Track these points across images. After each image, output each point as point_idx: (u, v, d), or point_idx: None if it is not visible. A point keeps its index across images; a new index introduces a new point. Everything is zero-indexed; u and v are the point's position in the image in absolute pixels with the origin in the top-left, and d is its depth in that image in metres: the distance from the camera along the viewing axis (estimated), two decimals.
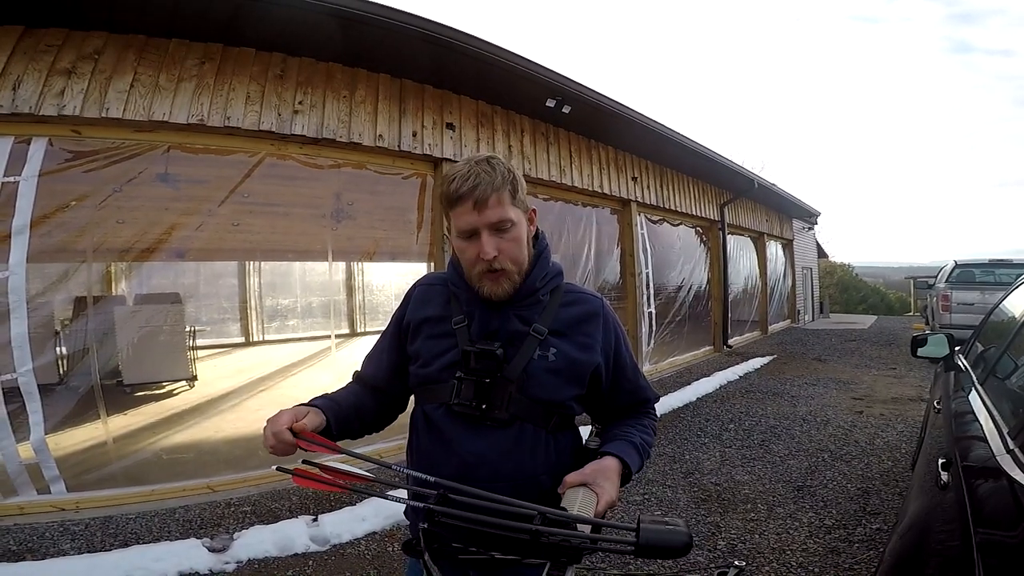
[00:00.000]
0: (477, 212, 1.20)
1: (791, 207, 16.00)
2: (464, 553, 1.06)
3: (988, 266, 11.22)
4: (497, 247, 1.21)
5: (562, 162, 7.04)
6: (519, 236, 1.25)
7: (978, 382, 2.45)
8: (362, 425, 1.37)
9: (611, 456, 1.21)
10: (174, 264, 9.21)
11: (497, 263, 1.22)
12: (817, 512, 3.77)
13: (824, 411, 6.55)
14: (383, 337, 1.43)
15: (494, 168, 1.22)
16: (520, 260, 1.26)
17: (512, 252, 1.24)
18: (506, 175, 1.23)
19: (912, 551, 1.62)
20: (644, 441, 1.32)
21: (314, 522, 3.57)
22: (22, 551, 3.19)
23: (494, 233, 1.21)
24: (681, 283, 10.47)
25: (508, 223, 1.22)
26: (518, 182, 1.25)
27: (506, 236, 1.22)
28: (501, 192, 1.21)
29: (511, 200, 1.23)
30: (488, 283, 1.24)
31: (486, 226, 1.20)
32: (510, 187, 1.23)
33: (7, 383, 3.56)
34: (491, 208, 1.20)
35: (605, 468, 1.18)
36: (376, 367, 1.41)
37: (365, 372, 1.43)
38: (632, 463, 1.23)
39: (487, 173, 1.20)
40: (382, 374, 1.40)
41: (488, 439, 1.23)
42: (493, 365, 1.22)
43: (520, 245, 1.25)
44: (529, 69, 5.48)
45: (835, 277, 33.61)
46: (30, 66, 3.57)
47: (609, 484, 1.14)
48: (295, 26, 4.20)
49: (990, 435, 1.74)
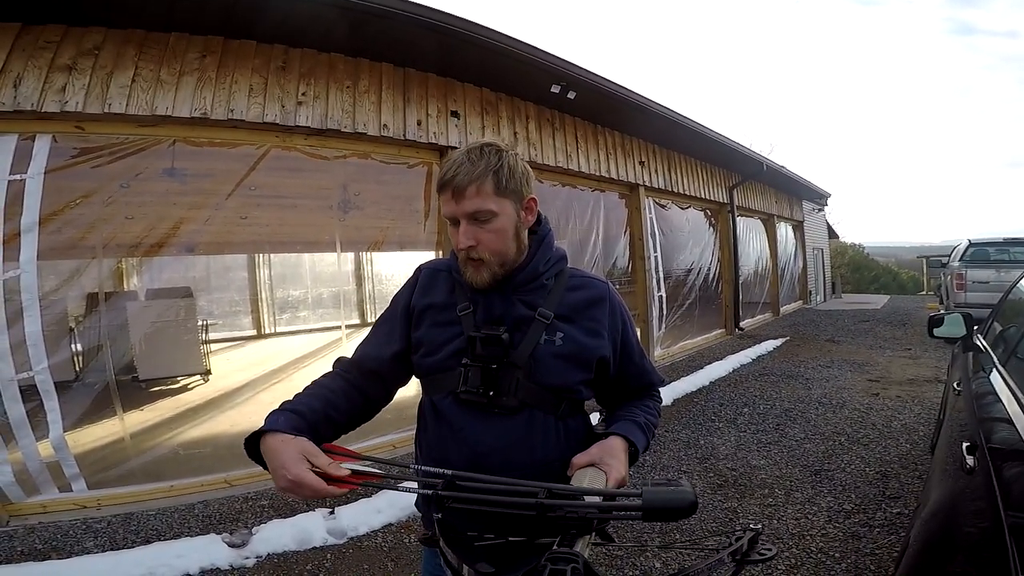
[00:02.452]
0: (455, 201, 1.20)
1: (801, 189, 15.85)
2: (479, 540, 1.04)
3: (1003, 245, 11.07)
4: (474, 237, 1.20)
5: (568, 148, 6.97)
6: (501, 227, 1.22)
7: (999, 363, 2.41)
8: (334, 431, 1.24)
9: (616, 436, 1.22)
10: (184, 258, 9.25)
11: (474, 252, 1.21)
12: (836, 496, 3.74)
13: (839, 393, 6.50)
14: (386, 321, 1.38)
15: (481, 157, 1.20)
16: (501, 251, 1.23)
17: (491, 243, 1.21)
18: (491, 164, 1.20)
19: (939, 536, 1.60)
20: (649, 421, 1.32)
21: (331, 515, 3.58)
22: (47, 550, 3.22)
23: (472, 223, 1.20)
24: (691, 266, 10.41)
25: (487, 214, 1.19)
26: (507, 171, 1.21)
27: (486, 227, 1.20)
28: (481, 182, 1.18)
29: (494, 190, 1.20)
30: (470, 270, 1.24)
31: (464, 215, 1.20)
32: (493, 177, 1.19)
33: (24, 381, 3.58)
34: (468, 199, 1.19)
35: (611, 447, 1.18)
36: (379, 350, 1.34)
37: (365, 354, 1.35)
38: (638, 442, 1.23)
39: (471, 163, 1.19)
40: (386, 358, 1.33)
41: (498, 427, 1.22)
42: (499, 350, 1.20)
43: (502, 236, 1.22)
44: (533, 56, 5.42)
45: (846, 257, 33.37)
46: (30, 63, 3.55)
47: (616, 462, 1.14)
48: (295, 17, 4.15)
49: (1015, 416, 1.70)
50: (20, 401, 3.55)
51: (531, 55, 5.39)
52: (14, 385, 3.52)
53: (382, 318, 1.39)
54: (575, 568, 0.83)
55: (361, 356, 1.35)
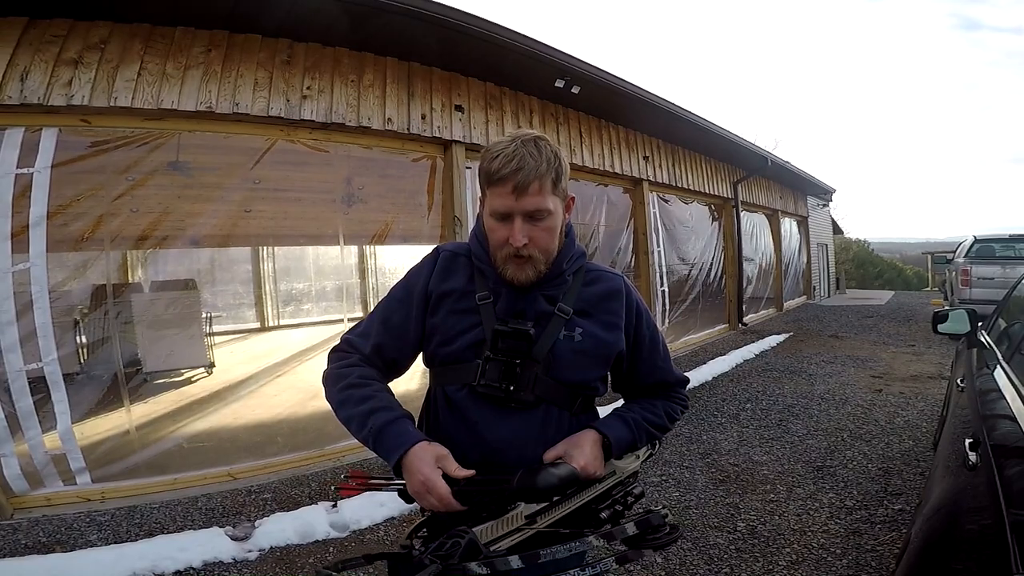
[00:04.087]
0: (515, 197, 1.14)
1: (805, 184, 15.81)
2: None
3: (1008, 241, 11.03)
4: (528, 235, 1.16)
5: (572, 142, 6.97)
6: (553, 226, 1.20)
7: (1004, 359, 2.41)
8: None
9: (589, 428, 1.22)
10: (188, 251, 9.25)
11: (525, 251, 1.17)
12: (838, 493, 3.75)
13: (842, 389, 6.50)
14: (402, 303, 1.30)
15: (540, 152, 1.16)
16: (550, 250, 1.22)
17: (543, 241, 1.19)
18: (552, 161, 1.16)
19: (941, 533, 1.60)
20: (644, 419, 1.29)
21: (333, 508, 3.60)
22: (51, 543, 3.24)
23: (528, 220, 1.16)
24: (695, 261, 10.40)
25: (545, 212, 1.17)
26: (562, 169, 1.19)
27: (540, 225, 1.17)
28: (544, 180, 1.15)
29: (552, 189, 1.17)
30: (512, 267, 1.20)
31: (521, 213, 1.15)
32: (553, 175, 1.17)
33: (32, 373, 3.60)
34: (531, 196, 1.14)
35: (577, 439, 1.19)
36: (402, 342, 1.29)
37: (385, 345, 1.28)
38: (611, 434, 1.22)
39: (533, 157, 1.14)
40: (408, 351, 1.30)
41: (513, 422, 1.21)
42: (524, 346, 1.18)
43: (552, 235, 1.21)
44: (537, 50, 5.41)
45: (851, 253, 33.26)
46: (37, 56, 3.56)
47: (579, 452, 1.15)
48: (300, 11, 4.15)
49: (1019, 413, 1.70)
50: (28, 393, 3.56)
51: (535, 49, 5.39)
52: (23, 376, 3.54)
53: (396, 298, 1.32)
54: (469, 540, 0.99)
55: (381, 343, 1.28)
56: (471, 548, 0.99)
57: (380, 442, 1.13)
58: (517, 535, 1.08)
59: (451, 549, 0.98)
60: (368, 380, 1.23)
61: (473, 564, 0.96)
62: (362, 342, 1.29)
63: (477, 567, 0.95)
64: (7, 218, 3.51)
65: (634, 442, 1.26)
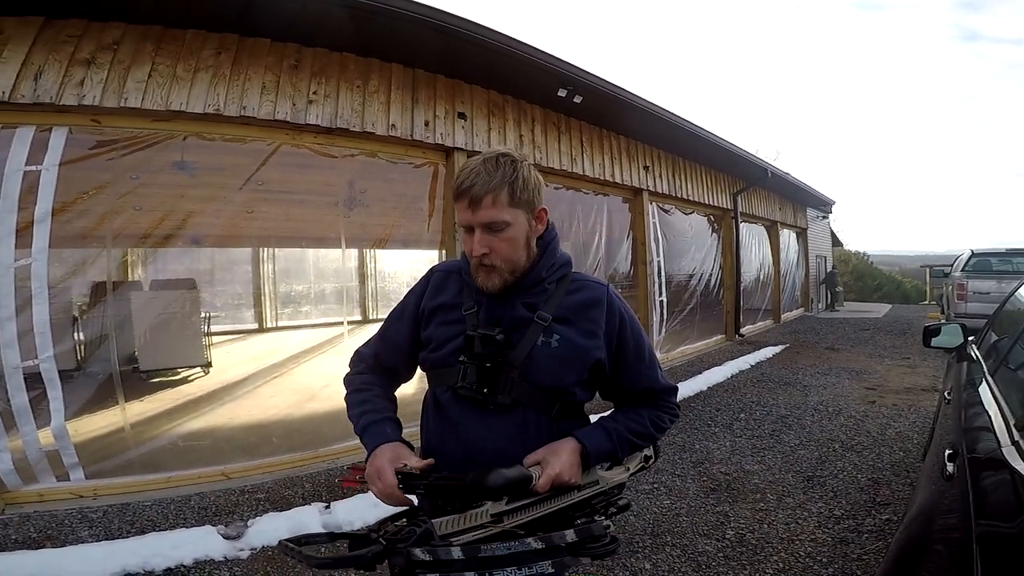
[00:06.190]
0: (471, 211, 1.25)
1: (805, 196, 15.86)
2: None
3: (1005, 255, 11.04)
4: (488, 245, 1.26)
5: (573, 151, 7.03)
6: (513, 236, 1.28)
7: (989, 372, 2.45)
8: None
9: (570, 437, 1.28)
10: (190, 250, 9.30)
11: (487, 260, 1.27)
12: (827, 502, 3.78)
13: (836, 401, 6.54)
14: (399, 321, 1.45)
15: (497, 167, 1.25)
16: (512, 259, 1.29)
17: (504, 252, 1.27)
18: (507, 175, 1.25)
19: (916, 542, 1.63)
20: (628, 428, 1.34)
21: (327, 509, 3.63)
22: (42, 538, 3.25)
23: (487, 232, 1.26)
24: (693, 271, 10.44)
25: (501, 224, 1.25)
26: (521, 182, 1.27)
27: (499, 236, 1.26)
28: (497, 193, 1.24)
29: (509, 201, 1.25)
30: (482, 275, 1.30)
31: (479, 225, 1.25)
32: (508, 188, 1.25)
33: (28, 369, 3.61)
34: (484, 209, 1.24)
35: (555, 447, 1.25)
36: (396, 352, 1.45)
37: (383, 354, 1.47)
38: (592, 445, 1.27)
39: (488, 173, 1.25)
40: (403, 360, 1.46)
41: (491, 423, 1.28)
42: (494, 350, 1.26)
43: (514, 245, 1.28)
44: (540, 59, 5.47)
45: (850, 265, 33.27)
46: (51, 56, 3.62)
47: (555, 458, 1.21)
48: (308, 16, 4.21)
49: (997, 426, 1.74)
50: (24, 389, 3.58)
51: (538, 58, 5.45)
52: (19, 373, 3.56)
53: (393, 315, 1.48)
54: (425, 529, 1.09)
55: (379, 352, 1.48)
56: (425, 536, 1.08)
57: (363, 438, 1.33)
58: (481, 531, 1.14)
59: (407, 535, 1.08)
60: (369, 386, 1.43)
61: (418, 550, 1.04)
62: (367, 352, 1.50)
63: (421, 553, 1.04)
64: (14, 214, 3.54)
65: (614, 452, 1.32)
